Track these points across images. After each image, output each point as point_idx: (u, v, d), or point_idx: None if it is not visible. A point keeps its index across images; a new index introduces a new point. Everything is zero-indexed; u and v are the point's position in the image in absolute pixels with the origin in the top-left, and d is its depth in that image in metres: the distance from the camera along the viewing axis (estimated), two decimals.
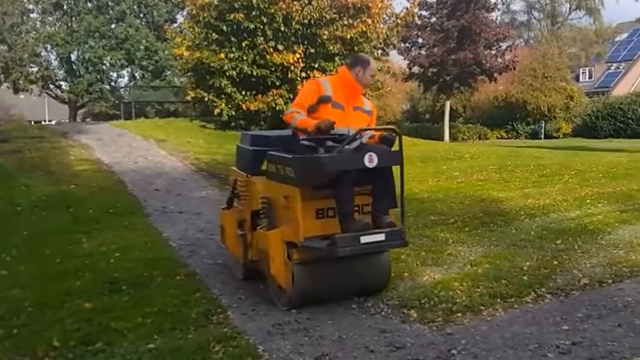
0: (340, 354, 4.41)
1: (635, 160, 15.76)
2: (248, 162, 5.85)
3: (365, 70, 5.46)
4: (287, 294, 5.20)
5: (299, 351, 4.48)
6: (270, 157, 5.35)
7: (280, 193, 5.15)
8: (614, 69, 48.29)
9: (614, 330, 4.77)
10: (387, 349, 4.46)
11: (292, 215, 5.01)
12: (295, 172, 4.92)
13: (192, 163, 13.98)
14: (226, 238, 6.43)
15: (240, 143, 6.26)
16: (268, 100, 18.89)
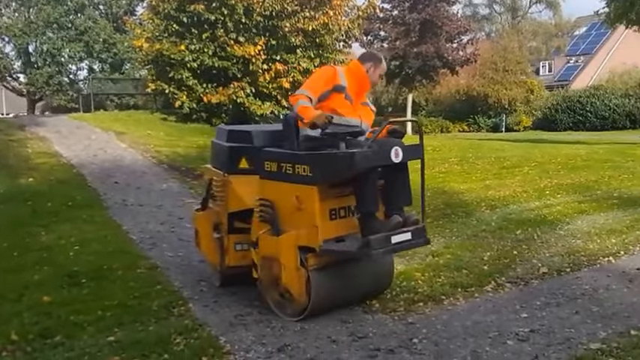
0: (302, 344, 4.43)
1: (592, 152, 16.13)
2: (224, 159, 5.39)
3: (377, 67, 5.17)
4: (298, 303, 4.79)
5: (261, 342, 4.49)
6: (270, 154, 4.93)
7: (289, 193, 4.71)
8: (574, 62, 49.19)
9: (571, 317, 4.89)
10: (349, 339, 4.49)
11: (307, 217, 4.63)
12: (313, 170, 4.56)
13: (153, 156, 13.83)
14: (201, 242, 5.89)
15: (215, 139, 5.86)
16: (230, 93, 18.77)
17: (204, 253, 5.83)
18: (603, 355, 4.13)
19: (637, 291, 5.47)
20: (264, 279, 4.97)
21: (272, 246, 4.80)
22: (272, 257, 4.82)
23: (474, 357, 4.19)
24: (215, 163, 5.68)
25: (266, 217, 4.86)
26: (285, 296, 4.86)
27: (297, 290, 4.74)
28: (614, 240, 7.18)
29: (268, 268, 4.89)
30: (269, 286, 4.95)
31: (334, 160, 4.55)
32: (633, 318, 4.82)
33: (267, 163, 4.90)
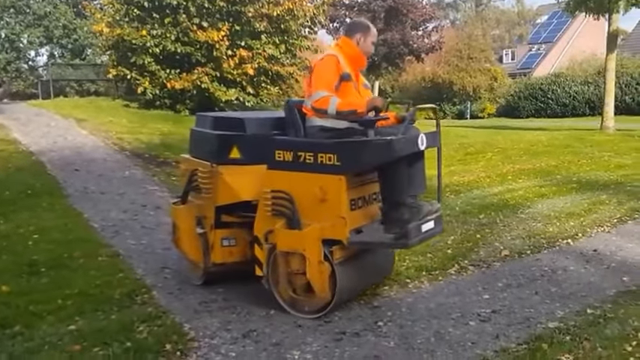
0: (268, 330, 4.45)
1: (553, 138, 16.42)
2: (212, 149, 5.04)
3: (366, 36, 4.93)
4: (320, 299, 4.57)
5: (226, 328, 4.49)
6: (283, 143, 4.63)
7: (309, 184, 4.45)
8: (535, 50, 49.86)
9: (531, 297, 5.00)
10: (314, 324, 4.52)
11: (332, 209, 4.41)
12: (342, 158, 4.34)
13: (115, 143, 13.63)
14: (180, 238, 5.48)
15: (196, 127, 5.52)
16: (193, 79, 18.55)
17: (185, 250, 5.41)
18: (561, 333, 4.24)
19: (593, 271, 5.62)
20: (276, 276, 4.70)
21: (293, 240, 4.50)
22: (291, 252, 4.55)
23: (438, 338, 4.26)
24: (198, 152, 5.32)
25: (281, 210, 4.56)
26: (301, 293, 4.65)
27: (320, 285, 4.50)
28: (572, 223, 7.34)
29: (283, 264, 4.62)
30: (281, 284, 4.69)
31: (370, 147, 4.33)
32: (589, 297, 4.96)
33: (280, 152, 4.58)
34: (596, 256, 6.06)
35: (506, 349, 4.05)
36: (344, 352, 4.07)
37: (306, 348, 4.14)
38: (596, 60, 33.82)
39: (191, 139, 5.55)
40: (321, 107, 4.57)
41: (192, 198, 5.35)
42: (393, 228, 4.50)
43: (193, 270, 5.42)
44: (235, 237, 5.10)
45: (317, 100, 4.58)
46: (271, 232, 4.64)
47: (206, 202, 5.08)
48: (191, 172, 5.27)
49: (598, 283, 5.32)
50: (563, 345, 4.04)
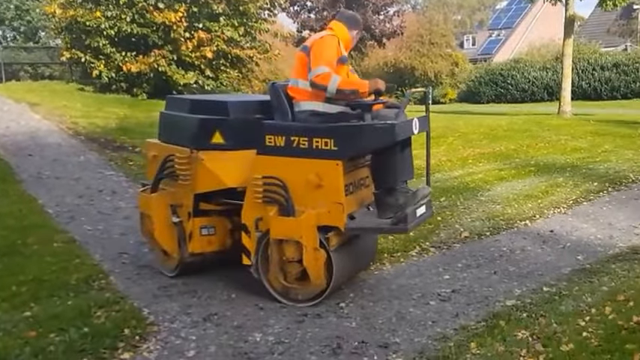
0: (229, 313, 4.46)
1: (513, 122, 16.70)
2: (192, 134, 4.82)
3: (359, 34, 4.93)
4: (315, 286, 4.51)
5: (187, 312, 4.49)
6: (274, 127, 4.51)
7: (303, 169, 4.36)
8: (496, 36, 50.43)
9: (490, 277, 5.12)
10: (276, 306, 4.56)
11: (328, 195, 4.33)
12: (339, 143, 4.26)
13: (70, 128, 13.36)
14: (154, 228, 5.11)
15: (168, 110, 5.30)
16: (150, 61, 18.27)
17: (158, 240, 5.10)
18: (518, 310, 4.37)
19: (550, 251, 5.78)
20: (266, 264, 4.59)
21: (288, 227, 4.40)
22: (285, 240, 4.44)
23: (399, 318, 4.33)
24: (173, 137, 5.09)
25: (273, 196, 4.45)
26: (293, 281, 4.56)
27: (316, 272, 4.42)
28: (530, 205, 7.51)
29: (276, 252, 4.50)
30: (272, 272, 4.58)
31: (370, 132, 4.28)
32: (546, 276, 5.11)
33: (270, 137, 4.46)
34: (553, 236, 6.22)
35: (466, 326, 4.15)
36: (306, 334, 4.11)
37: (268, 330, 4.18)
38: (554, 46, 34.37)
39: (162, 124, 5.33)
40: (322, 83, 4.44)
41: (164, 186, 5.09)
42: (387, 213, 4.52)
43: (166, 261, 5.22)
44: (214, 225, 4.95)
45: (318, 75, 4.45)
46: (261, 220, 4.52)
47: (183, 189, 4.87)
48: (164, 158, 5.01)
49: (554, 262, 5.47)
50: (520, 322, 4.16)
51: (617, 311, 4.22)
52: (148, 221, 5.21)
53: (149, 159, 5.42)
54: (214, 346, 3.95)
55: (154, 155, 5.27)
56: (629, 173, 9.25)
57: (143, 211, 5.29)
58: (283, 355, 3.83)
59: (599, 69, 29.87)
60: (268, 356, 3.82)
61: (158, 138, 5.37)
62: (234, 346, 3.95)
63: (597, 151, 11.56)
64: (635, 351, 3.62)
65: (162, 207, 5.03)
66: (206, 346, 3.95)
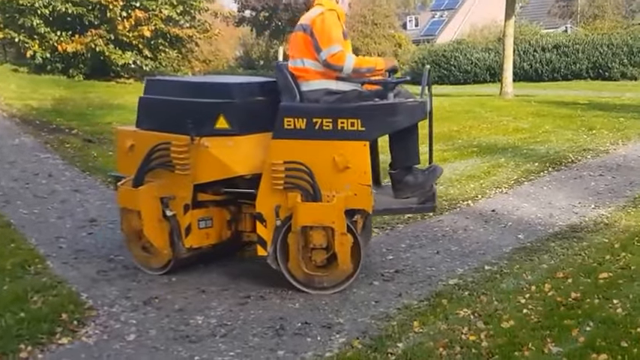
0: (170, 296, 4.42)
1: (455, 104, 16.96)
2: (192, 119, 4.43)
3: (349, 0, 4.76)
4: (342, 271, 4.39)
5: (126, 296, 4.43)
6: (295, 109, 4.33)
7: (327, 152, 4.25)
8: (438, 17, 50.92)
9: (433, 257, 5.22)
10: (218, 288, 4.55)
11: (353, 177, 4.24)
12: (366, 123, 4.20)
13: (3, 110, 12.89)
14: (139, 224, 4.66)
15: (156, 95, 4.86)
16: (87, 41, 17.79)
17: (148, 236, 4.64)
18: (460, 289, 4.47)
19: (492, 230, 5.92)
20: (286, 253, 4.42)
21: (317, 213, 4.23)
22: (310, 226, 4.27)
23: (342, 298, 4.37)
24: (162, 124, 4.66)
25: (295, 182, 4.28)
26: (315, 269, 4.42)
27: (344, 257, 4.30)
28: (472, 185, 7.67)
29: (300, 240, 4.31)
30: (294, 261, 4.41)
31: (400, 110, 4.27)
32: (487, 255, 5.24)
33: (290, 120, 4.29)
34: (495, 216, 6.37)
35: (409, 306, 4.22)
36: (249, 316, 4.12)
37: (211, 312, 4.16)
38: (496, 27, 34.97)
39: (145, 110, 4.87)
40: (337, 63, 4.34)
41: (151, 178, 4.64)
42: (405, 193, 4.55)
43: (150, 259, 4.83)
44: (212, 217, 4.70)
45: (333, 54, 4.33)
46: (280, 207, 4.35)
47: (179, 180, 4.52)
48: (152, 147, 4.59)
49: (496, 241, 5.61)
50: (462, 300, 4.26)
51: (556, 288, 4.36)
52: (131, 217, 4.72)
53: (123, 149, 4.90)
54: (155, 330, 3.91)
55: (131, 145, 4.80)
56: (568, 153, 9.52)
57: (125, 207, 4.77)
58: (226, 337, 3.82)
59: (540, 50, 30.54)
60: (210, 339, 3.80)
61: (138, 125, 4.88)
62: (176, 329, 3.92)
63: (538, 131, 11.85)
64: (573, 326, 3.75)
65: (151, 201, 4.58)
66: (147, 330, 3.91)
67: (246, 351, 3.65)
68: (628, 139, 10.97)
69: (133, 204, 4.66)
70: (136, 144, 4.78)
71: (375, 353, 3.55)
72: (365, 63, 4.44)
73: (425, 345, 3.61)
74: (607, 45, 28.68)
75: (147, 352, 3.64)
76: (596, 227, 5.89)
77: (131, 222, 4.73)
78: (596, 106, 15.98)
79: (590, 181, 7.89)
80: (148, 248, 4.80)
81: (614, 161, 9.03)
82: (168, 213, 4.57)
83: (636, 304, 4.04)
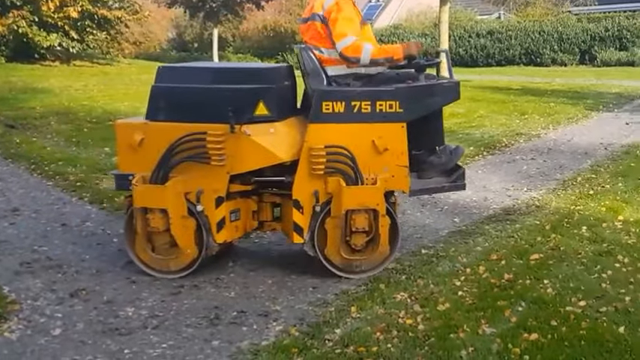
0: (98, 288, 4.31)
1: None
2: (232, 107, 4.21)
3: None
4: (380, 253, 4.42)
5: (51, 288, 4.29)
6: (333, 93, 4.33)
7: (368, 135, 4.29)
8: (375, 2, 51.22)
9: None
10: (150, 279, 4.44)
11: (392, 159, 4.32)
12: (404, 105, 4.27)
13: None
14: (164, 223, 4.33)
15: (175, 83, 4.53)
16: (9, 22, 17.11)
17: (176, 236, 4.33)
18: (397, 273, 4.50)
19: (428, 214, 6.00)
20: (323, 239, 4.38)
21: (362, 197, 4.23)
22: (352, 210, 4.24)
23: (279, 285, 4.36)
24: (187, 114, 4.36)
25: (337, 166, 4.28)
26: (351, 253, 4.39)
27: (383, 239, 4.35)
28: None
29: (340, 224, 4.27)
30: (334, 246, 4.37)
31: (437, 91, 4.40)
32: (424, 238, 5.30)
33: (328, 104, 4.28)
34: (431, 199, 6.44)
35: (346, 291, 4.23)
36: (182, 306, 4.04)
37: (141, 304, 4.07)
38: (431, 12, 35.41)
39: (161, 100, 4.48)
40: (353, 55, 4.38)
41: (174, 173, 4.35)
42: (430, 173, 4.69)
43: (169, 261, 4.48)
44: (239, 208, 4.55)
45: (348, 47, 4.36)
46: (319, 193, 4.32)
47: (213, 172, 4.31)
48: (176, 140, 4.30)
49: (432, 224, 5.69)
50: (399, 284, 4.30)
51: (490, 270, 4.46)
52: (151, 218, 4.32)
53: (129, 145, 4.47)
54: (82, 323, 3.79)
55: (141, 139, 4.43)
56: (502, 137, 9.75)
57: (145, 207, 4.34)
58: (157, 328, 3.74)
59: (475, 36, 31.14)
60: (141, 331, 3.71)
61: (152, 117, 4.49)
62: (104, 322, 3.82)
63: (473, 116, 12.09)
64: (506, 307, 3.84)
65: (178, 197, 4.32)
66: (73, 324, 3.79)
67: (179, 342, 3.58)
68: (558, 123, 11.34)
69: (157, 202, 4.30)
70: (148, 138, 4.42)
71: (313, 340, 3.54)
72: (383, 53, 4.47)
73: (362, 330, 3.62)
74: (538, 32, 29.50)
75: (73, 347, 3.52)
76: (528, 210, 6.06)
77: (151, 223, 4.33)
78: (528, 91, 16.45)
79: (522, 164, 8.10)
80: (164, 250, 4.46)
81: (545, 145, 9.31)
82: (198, 208, 4.35)
83: (565, 284, 4.17)
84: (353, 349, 3.41)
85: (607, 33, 28.38)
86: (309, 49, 4.57)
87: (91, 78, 17.71)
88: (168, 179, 4.31)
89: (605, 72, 23.30)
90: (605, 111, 13.08)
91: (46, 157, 8.11)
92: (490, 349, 3.36)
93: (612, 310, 3.77)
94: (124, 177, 4.47)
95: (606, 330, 3.52)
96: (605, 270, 4.39)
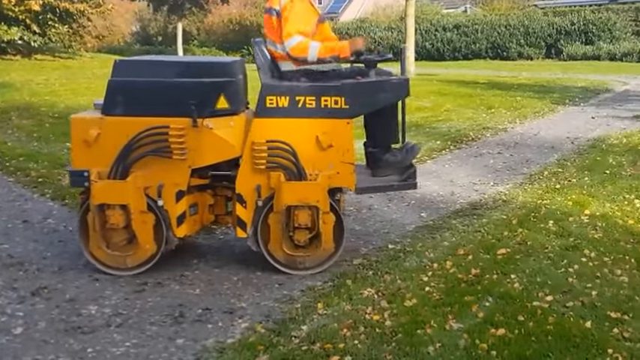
0: (61, 285, 4.25)
1: None
2: (195, 100, 4.20)
3: None
4: (324, 251, 4.39)
5: (12, 286, 4.23)
6: (278, 88, 4.33)
7: (312, 130, 4.28)
8: None
9: None
10: (112, 277, 4.37)
11: (337, 155, 4.31)
12: (350, 101, 4.26)
13: None
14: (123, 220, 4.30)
15: (134, 77, 4.42)
16: None
17: (137, 231, 4.30)
18: (364, 269, 4.51)
19: (395, 209, 6.02)
20: (266, 234, 4.40)
21: (302, 192, 4.24)
22: (294, 206, 4.26)
23: (245, 282, 4.33)
24: (148, 108, 4.30)
25: (278, 161, 4.29)
26: (295, 249, 4.40)
27: (327, 237, 4.35)
28: None
29: (282, 220, 4.29)
30: (276, 241, 4.39)
31: (384, 88, 4.36)
32: (391, 234, 5.32)
33: (272, 98, 4.29)
34: (398, 194, 6.44)
35: (313, 287, 4.23)
36: (146, 303, 4.00)
37: (105, 302, 4.02)
38: (398, 6, 35.57)
39: (120, 94, 4.37)
40: (300, 55, 4.41)
41: (134, 170, 4.29)
42: (385, 171, 4.65)
43: (125, 258, 4.41)
44: (197, 202, 4.56)
45: (294, 47, 4.40)
46: (262, 188, 4.33)
47: (174, 166, 4.28)
48: (136, 134, 4.25)
49: (399, 219, 5.70)
50: (366, 280, 4.30)
51: (457, 265, 4.49)
52: (111, 214, 4.27)
53: (84, 140, 4.37)
54: (44, 322, 3.74)
55: (97, 134, 4.34)
56: (469, 132, 9.84)
57: (104, 203, 4.27)
58: (121, 327, 3.69)
59: (441, 30, 31.37)
60: (104, 329, 3.66)
61: (108, 112, 4.38)
62: (67, 320, 3.77)
63: (440, 110, 12.17)
64: (473, 302, 3.87)
65: (139, 192, 4.28)
66: (35, 322, 3.73)
67: (143, 340, 3.54)
68: (524, 117, 11.49)
69: (117, 198, 4.26)
70: (105, 133, 4.34)
71: (279, 337, 3.53)
72: (329, 52, 4.46)
73: (329, 326, 3.62)
74: (505, 25, 29.85)
75: (35, 346, 3.46)
76: (495, 204, 6.11)
77: (110, 219, 4.28)
78: (494, 85, 16.63)
79: (489, 158, 8.18)
80: (121, 247, 4.40)
81: (512, 139, 9.43)
82: (159, 203, 4.31)
83: (532, 279, 4.22)
84: (319, 345, 3.40)
85: (573, 27, 28.85)
86: (261, 44, 4.61)
87: (53, 72, 17.44)
88: (129, 174, 4.27)
89: (571, 66, 23.70)
90: (571, 105, 13.30)
91: (7, 152, 7.97)
92: (457, 344, 3.38)
93: (579, 305, 3.81)
94: (79, 173, 4.39)
95: (573, 325, 3.56)
96: (572, 264, 4.44)
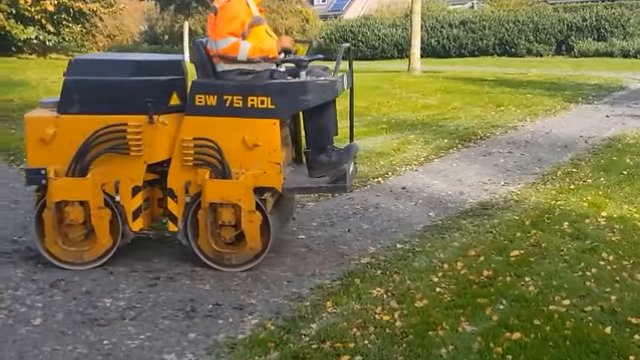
0: (77, 278, 4.32)
1: (363, 80, 17.06)
2: (151, 97, 4.35)
3: None
4: (251, 249, 4.43)
5: (32, 278, 4.32)
6: (206, 86, 4.42)
7: (237, 129, 4.35)
8: None
9: (344, 235, 5.26)
10: (127, 270, 4.47)
11: (263, 155, 4.36)
12: (276, 101, 4.32)
13: None
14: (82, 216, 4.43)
15: (87, 75, 4.52)
16: None
17: (96, 227, 4.42)
18: (372, 268, 4.50)
19: (403, 208, 6.01)
20: (195, 230, 4.47)
21: (225, 190, 4.33)
22: (222, 203, 4.35)
23: (254, 278, 4.35)
24: (104, 106, 4.42)
25: (204, 159, 4.37)
26: (225, 246, 4.47)
27: (252, 235, 4.39)
28: (382, 162, 7.78)
29: (210, 216, 4.38)
30: (203, 237, 4.45)
31: (311, 89, 4.36)
32: (399, 233, 5.30)
33: (201, 97, 4.39)
34: (405, 193, 6.47)
35: (321, 285, 4.22)
36: (159, 297, 4.05)
37: (119, 295, 4.09)
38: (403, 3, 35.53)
39: (76, 91, 4.49)
40: (230, 55, 4.44)
41: (93, 167, 4.41)
42: (319, 172, 4.62)
43: (82, 253, 4.51)
44: (149, 197, 4.69)
45: (225, 48, 4.44)
46: (190, 184, 4.43)
47: (131, 162, 4.41)
48: (94, 132, 4.36)
49: (407, 219, 5.69)
50: (374, 279, 4.29)
51: (468, 266, 4.47)
52: (70, 211, 4.40)
53: (39, 139, 4.48)
54: (62, 313, 3.82)
55: (54, 132, 4.43)
56: (477, 130, 9.82)
57: (63, 200, 4.39)
58: (135, 320, 3.75)
59: (447, 26, 31.33)
60: (119, 322, 3.72)
61: (64, 111, 4.48)
62: (83, 312, 3.84)
63: (447, 108, 12.16)
64: (486, 305, 3.83)
65: (97, 189, 4.41)
66: (53, 314, 3.81)
67: (156, 334, 3.59)
68: (535, 115, 11.46)
69: (77, 195, 4.38)
70: (60, 131, 4.44)
71: (289, 334, 3.54)
72: (258, 52, 4.48)
73: (339, 325, 3.62)
74: (513, 22, 29.80)
75: (54, 337, 3.53)
76: (507, 204, 6.08)
77: (69, 216, 4.40)
78: (503, 82, 16.60)
79: (499, 157, 8.16)
80: (78, 242, 4.50)
81: (523, 138, 9.40)
82: (117, 198, 4.45)
83: (547, 282, 4.18)
84: (329, 344, 3.40)
85: (584, 23, 28.76)
86: (200, 43, 4.63)
87: None
88: (88, 172, 4.39)
89: (582, 63, 23.59)
90: (584, 103, 13.24)
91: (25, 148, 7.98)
92: (471, 347, 3.37)
93: (598, 310, 3.77)
94: (36, 171, 4.47)
95: (592, 330, 3.52)
96: (590, 268, 4.39)
